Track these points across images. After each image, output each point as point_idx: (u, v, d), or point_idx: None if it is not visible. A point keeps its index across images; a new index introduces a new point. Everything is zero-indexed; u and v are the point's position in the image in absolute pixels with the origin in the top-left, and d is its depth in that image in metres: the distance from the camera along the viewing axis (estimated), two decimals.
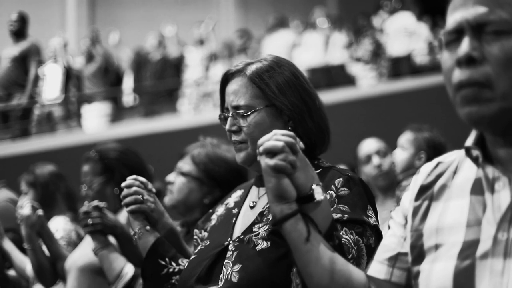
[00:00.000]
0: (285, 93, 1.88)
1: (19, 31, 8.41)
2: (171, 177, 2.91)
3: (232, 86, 1.93)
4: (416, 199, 1.41)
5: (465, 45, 1.22)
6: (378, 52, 9.85)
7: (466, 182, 1.32)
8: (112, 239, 2.72)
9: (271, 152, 1.47)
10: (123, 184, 2.21)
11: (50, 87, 9.61)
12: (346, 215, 1.72)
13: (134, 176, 2.24)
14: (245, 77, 1.91)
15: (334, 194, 1.76)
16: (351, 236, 1.69)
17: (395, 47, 9.74)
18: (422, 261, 1.33)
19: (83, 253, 3.06)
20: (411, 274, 1.38)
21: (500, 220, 1.21)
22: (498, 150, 1.27)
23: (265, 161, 1.47)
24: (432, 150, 3.68)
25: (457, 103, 1.24)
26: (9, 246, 3.76)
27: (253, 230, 1.84)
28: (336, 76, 10.19)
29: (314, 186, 1.50)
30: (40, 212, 3.30)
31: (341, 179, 1.79)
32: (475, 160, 1.30)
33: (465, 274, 1.22)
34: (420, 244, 1.34)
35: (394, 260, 1.43)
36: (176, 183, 2.87)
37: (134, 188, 2.18)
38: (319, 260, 1.45)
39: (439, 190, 1.37)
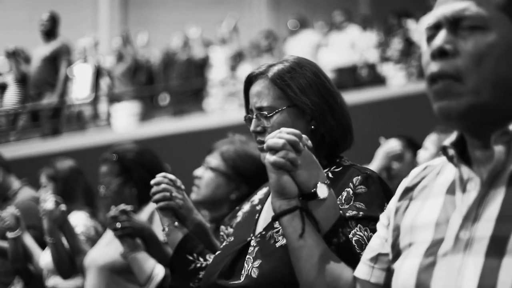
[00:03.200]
0: (307, 93, 1.91)
1: (50, 31, 8.49)
2: (199, 171, 2.94)
3: (255, 88, 1.96)
4: (400, 199, 1.43)
5: (439, 38, 1.23)
6: (408, 51, 9.78)
7: (445, 182, 1.33)
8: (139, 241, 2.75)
9: (273, 149, 1.52)
10: (152, 182, 2.27)
11: (80, 86, 9.70)
12: (361, 212, 1.74)
13: (163, 174, 2.29)
14: (267, 79, 1.94)
15: (351, 192, 1.79)
16: (365, 233, 1.72)
17: None
18: (397, 259, 1.35)
19: (103, 252, 3.09)
20: (390, 273, 1.39)
21: (463, 219, 1.22)
22: (474, 150, 1.27)
23: (266, 158, 1.53)
24: None
25: (431, 98, 1.25)
26: (29, 241, 3.85)
27: (274, 226, 1.86)
28: (366, 75, 10.15)
29: (318, 184, 1.53)
30: (63, 207, 3.38)
31: (359, 177, 1.81)
32: (450, 159, 1.30)
33: (427, 271, 1.23)
34: (398, 243, 1.37)
35: (374, 260, 1.45)
36: (204, 178, 2.90)
37: (163, 185, 2.24)
38: (309, 257, 1.49)
39: (420, 190, 1.39)
